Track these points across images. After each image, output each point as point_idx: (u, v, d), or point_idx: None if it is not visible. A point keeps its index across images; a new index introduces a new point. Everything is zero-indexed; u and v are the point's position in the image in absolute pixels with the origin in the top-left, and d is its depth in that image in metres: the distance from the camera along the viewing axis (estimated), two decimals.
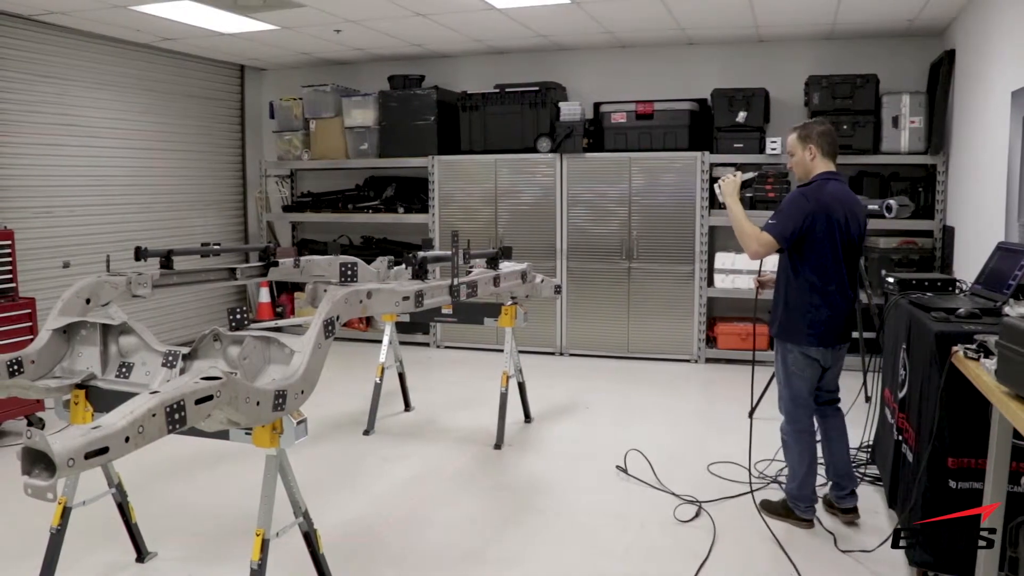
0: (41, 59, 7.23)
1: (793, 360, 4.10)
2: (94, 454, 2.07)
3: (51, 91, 7.34)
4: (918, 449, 3.58)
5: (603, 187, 8.11)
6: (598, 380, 7.43)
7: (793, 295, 4.03)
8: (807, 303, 3.99)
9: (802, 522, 4.18)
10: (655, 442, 5.48)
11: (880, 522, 4.23)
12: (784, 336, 4.11)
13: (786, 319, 4.08)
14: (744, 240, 4.01)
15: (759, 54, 8.25)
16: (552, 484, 4.89)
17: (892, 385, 4.41)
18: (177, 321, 8.82)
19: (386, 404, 6.25)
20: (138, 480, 4.35)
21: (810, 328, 4.00)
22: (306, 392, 2.94)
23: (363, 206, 9.15)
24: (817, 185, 4.01)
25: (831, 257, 3.94)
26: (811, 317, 3.99)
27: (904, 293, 4.28)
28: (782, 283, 4.13)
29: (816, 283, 3.96)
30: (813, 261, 3.95)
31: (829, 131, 4.10)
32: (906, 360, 4.00)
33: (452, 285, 4.15)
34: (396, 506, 4.60)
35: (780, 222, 3.93)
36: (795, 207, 3.93)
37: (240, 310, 3.14)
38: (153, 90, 8.50)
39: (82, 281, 3.63)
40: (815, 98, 7.47)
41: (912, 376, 3.88)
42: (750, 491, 4.53)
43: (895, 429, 4.18)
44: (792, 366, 4.11)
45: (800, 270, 3.99)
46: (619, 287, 8.16)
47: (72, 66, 7.55)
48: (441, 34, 7.89)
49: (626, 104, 8.06)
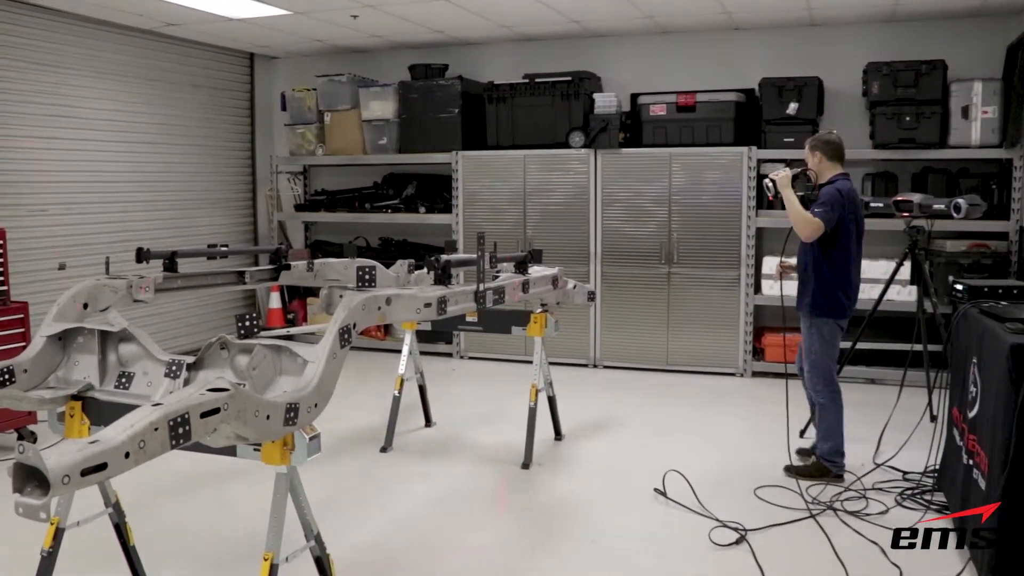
0: (36, 45, 7.31)
1: (829, 331, 5.11)
2: (91, 471, 2.07)
3: (47, 80, 7.42)
4: (991, 475, 3.51)
5: (641, 185, 8.07)
6: (635, 395, 7.38)
7: (827, 275, 5.05)
8: (841, 280, 5.05)
9: (837, 478, 5.10)
10: (697, 463, 5.42)
11: (948, 557, 4.15)
12: (820, 312, 5.09)
13: (821, 296, 5.07)
14: (801, 225, 4.99)
15: (812, 39, 8.17)
16: (584, 507, 4.86)
17: (961, 403, 4.34)
18: (181, 328, 8.88)
19: (405, 419, 6.24)
20: (137, 499, 4.37)
21: (845, 300, 5.08)
22: (320, 405, 2.93)
23: (381, 205, 9.17)
24: (840, 183, 5.08)
25: (854, 241, 5.10)
26: (843, 292, 5.06)
27: (975, 302, 4.22)
28: (812, 266, 5.10)
29: (846, 263, 5.06)
30: (841, 245, 5.04)
31: (832, 140, 5.23)
32: (977, 376, 3.93)
33: (477, 291, 4.13)
34: (416, 529, 4.59)
35: (826, 211, 4.94)
36: (835, 199, 4.97)
37: (249, 317, 3.14)
38: (156, 79, 8.58)
39: (79, 284, 3.64)
40: (875, 87, 7.39)
41: (984, 393, 3.81)
42: (807, 515, 4.47)
43: (964, 452, 4.11)
44: (828, 336, 5.11)
45: (832, 253, 5.04)
46: (658, 294, 8.11)
47: (70, 53, 7.63)
48: (466, 19, 7.90)
49: (666, 95, 8.02)
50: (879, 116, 7.41)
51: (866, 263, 7.39)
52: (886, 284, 6.14)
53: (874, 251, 7.60)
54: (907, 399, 5.52)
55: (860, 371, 7.44)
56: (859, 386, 7.37)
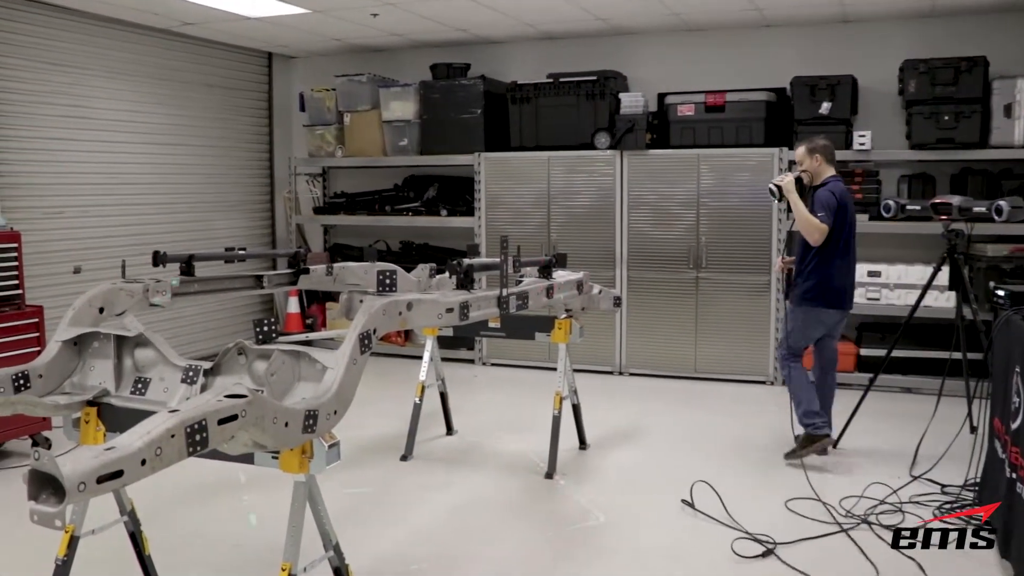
0: (50, 45, 7.37)
1: (813, 318, 5.69)
2: (107, 478, 2.08)
3: (62, 81, 7.49)
4: None
5: (668, 187, 8.05)
6: (662, 403, 7.36)
7: (823, 269, 5.56)
8: (835, 273, 5.57)
9: (824, 439, 5.61)
10: (725, 474, 5.40)
11: (992, 574, 4.10)
12: (814, 303, 5.64)
13: (816, 289, 5.60)
14: (810, 230, 5.47)
15: (846, 36, 8.12)
16: (610, 518, 4.84)
17: (1003, 414, 4.28)
18: (198, 333, 8.94)
19: (426, 427, 6.24)
20: (153, 507, 4.40)
21: (839, 292, 5.64)
22: (339, 412, 2.93)
23: (402, 208, 9.20)
24: (833, 184, 5.60)
25: (848, 237, 5.63)
26: (838, 284, 5.61)
27: (1017, 308, 4.17)
28: (809, 261, 5.58)
29: (843, 258, 5.61)
30: (838, 241, 5.54)
31: (828, 144, 5.77)
32: (1020, 386, 3.88)
33: (500, 296, 4.13)
34: (436, 540, 4.58)
35: (827, 214, 5.45)
36: (830, 202, 5.49)
37: (267, 321, 3.15)
38: (173, 80, 8.65)
39: (95, 288, 3.67)
40: (911, 85, 7.33)
41: None
42: (839, 529, 4.43)
43: (1008, 466, 4.05)
44: (811, 323, 5.71)
45: (827, 249, 5.52)
46: (686, 299, 8.08)
47: (84, 53, 7.70)
48: (489, 17, 7.91)
49: (694, 95, 7.99)
50: (916, 115, 7.34)
51: (902, 268, 7.44)
52: (923, 290, 6.07)
53: (911, 255, 7.57)
54: (945, 409, 5.43)
55: (896, 380, 7.37)
56: (895, 396, 7.30)
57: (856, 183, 7.45)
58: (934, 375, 7.04)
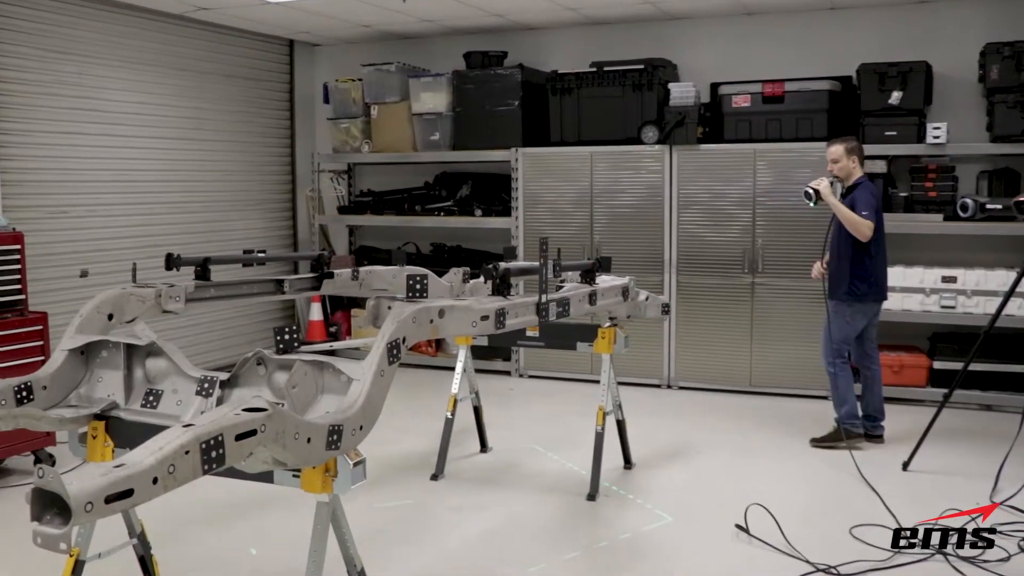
0: (56, 32, 7.44)
1: (852, 313, 6.32)
2: (116, 497, 2.08)
3: (69, 70, 7.56)
4: None
5: (721, 185, 8.02)
6: (713, 419, 7.33)
7: (862, 265, 6.20)
8: (878, 267, 6.27)
9: (859, 437, 6.34)
10: (783, 496, 5.36)
11: None
12: (862, 298, 6.26)
13: (856, 284, 6.23)
14: (859, 228, 6.09)
15: (919, 18, 8.04)
16: (657, 544, 4.83)
17: None
18: (214, 342, 9.02)
19: (459, 443, 6.26)
20: (165, 529, 4.43)
21: (878, 286, 6.30)
22: (365, 428, 2.93)
23: (433, 208, 9.23)
24: (865, 183, 6.28)
25: (883, 235, 6.31)
26: (881, 277, 6.31)
27: None
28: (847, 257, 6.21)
29: (879, 254, 6.27)
30: (876, 238, 6.17)
31: (860, 145, 6.48)
32: None
33: (539, 303, 4.11)
34: (469, 566, 4.58)
35: (871, 212, 6.10)
36: (872, 200, 6.15)
37: (288, 329, 3.16)
38: (186, 70, 8.73)
39: (103, 293, 3.68)
40: (993, 71, 7.25)
41: None
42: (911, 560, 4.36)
43: None
44: (851, 319, 6.34)
45: (871, 246, 6.15)
46: (740, 307, 8.04)
47: (92, 41, 7.77)
48: (527, 1, 7.92)
49: (750, 84, 7.96)
50: (999, 105, 7.24)
51: (981, 273, 7.34)
52: (1005, 297, 5.97)
53: (991, 259, 7.47)
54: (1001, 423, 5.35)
55: (975, 396, 7.27)
56: (973, 413, 7.21)
57: (929, 180, 7.36)
58: (1017, 391, 6.94)
